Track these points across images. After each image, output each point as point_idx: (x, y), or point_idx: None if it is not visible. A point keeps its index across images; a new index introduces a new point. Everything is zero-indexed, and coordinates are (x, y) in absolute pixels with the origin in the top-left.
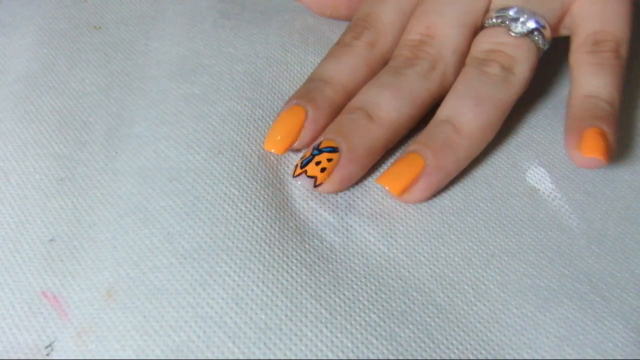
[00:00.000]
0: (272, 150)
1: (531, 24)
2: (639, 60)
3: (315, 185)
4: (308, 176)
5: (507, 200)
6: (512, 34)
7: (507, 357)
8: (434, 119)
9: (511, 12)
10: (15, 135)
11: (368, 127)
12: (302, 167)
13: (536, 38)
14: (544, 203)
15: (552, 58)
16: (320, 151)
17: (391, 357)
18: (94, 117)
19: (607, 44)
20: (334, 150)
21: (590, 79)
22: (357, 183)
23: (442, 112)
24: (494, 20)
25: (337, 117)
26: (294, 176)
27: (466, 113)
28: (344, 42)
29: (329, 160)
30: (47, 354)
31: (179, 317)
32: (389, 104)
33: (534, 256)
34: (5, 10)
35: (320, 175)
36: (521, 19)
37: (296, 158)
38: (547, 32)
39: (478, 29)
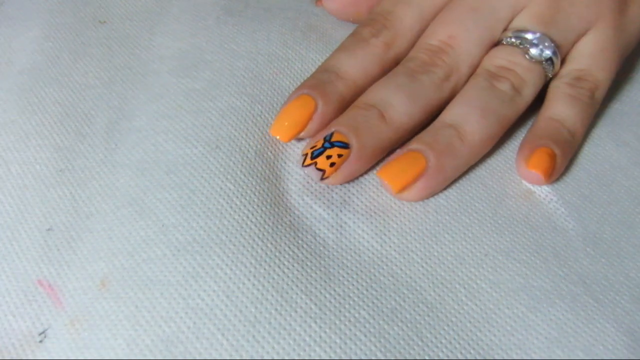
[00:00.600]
0: (277, 137)
1: (548, 53)
2: None
3: (322, 178)
4: (317, 168)
5: (503, 201)
6: (527, 57)
7: (496, 358)
8: (439, 120)
9: (531, 37)
10: (18, 125)
11: (380, 127)
12: (312, 158)
13: (547, 66)
14: (540, 205)
15: None
16: (332, 145)
17: (379, 355)
18: (96, 110)
19: (587, 83)
20: (345, 146)
21: (560, 106)
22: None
23: (449, 116)
24: (513, 39)
25: (350, 110)
26: (303, 165)
27: (472, 123)
28: (361, 36)
29: (340, 155)
30: (40, 341)
31: (170, 308)
32: (402, 108)
33: (528, 256)
34: (12, 3)
35: (328, 170)
36: (540, 46)
37: (293, 153)
38: (558, 63)
39: (494, 44)
